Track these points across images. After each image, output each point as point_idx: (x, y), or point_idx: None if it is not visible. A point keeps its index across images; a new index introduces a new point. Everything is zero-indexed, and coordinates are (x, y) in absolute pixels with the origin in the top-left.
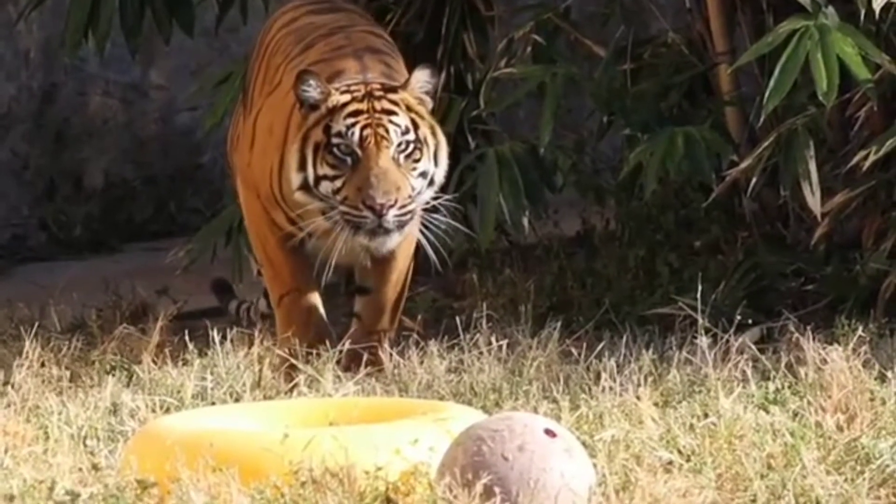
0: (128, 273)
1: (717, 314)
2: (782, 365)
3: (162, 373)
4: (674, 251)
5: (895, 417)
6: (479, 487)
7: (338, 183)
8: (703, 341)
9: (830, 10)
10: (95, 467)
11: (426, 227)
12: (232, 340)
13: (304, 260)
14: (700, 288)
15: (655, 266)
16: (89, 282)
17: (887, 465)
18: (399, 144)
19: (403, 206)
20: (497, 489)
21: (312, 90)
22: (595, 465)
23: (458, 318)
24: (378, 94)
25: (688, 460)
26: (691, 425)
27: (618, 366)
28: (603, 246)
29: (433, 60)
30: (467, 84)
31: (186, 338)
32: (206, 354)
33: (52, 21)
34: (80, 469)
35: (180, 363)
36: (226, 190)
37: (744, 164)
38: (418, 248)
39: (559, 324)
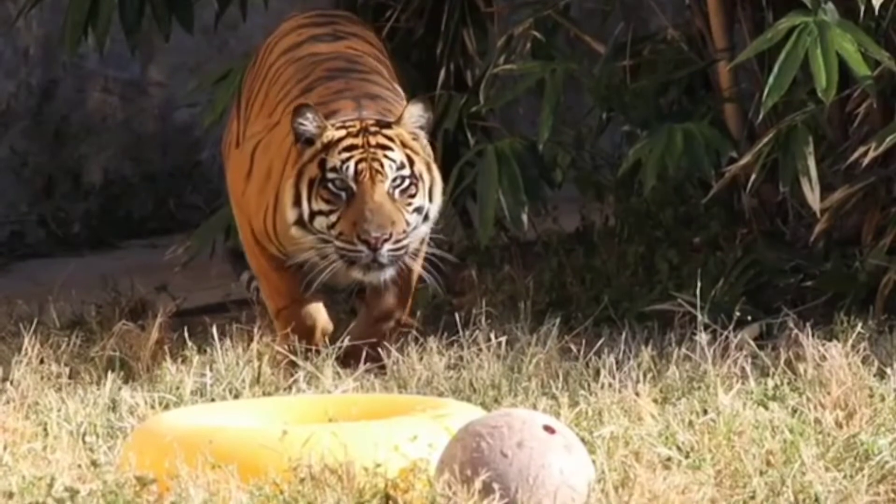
0: (127, 270)
1: (717, 310)
2: (781, 361)
3: (161, 369)
4: (673, 247)
5: (894, 414)
6: (477, 484)
7: (332, 218)
8: (703, 338)
9: (830, 6)
10: (94, 464)
11: (429, 261)
12: (231, 337)
13: (300, 275)
14: (699, 284)
15: (654, 262)
16: (88, 279)
17: (886, 462)
18: (394, 179)
19: (398, 241)
20: (496, 486)
21: (308, 124)
22: (594, 462)
23: (457, 315)
24: (373, 129)
25: (687, 457)
26: (690, 422)
27: (617, 362)
28: (602, 242)
29: (432, 57)
30: (467, 80)
31: (185, 334)
32: (205, 351)
33: (52, 18)
34: (79, 465)
35: (179, 360)
36: (225, 187)
37: (743, 161)
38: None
39: (558, 320)
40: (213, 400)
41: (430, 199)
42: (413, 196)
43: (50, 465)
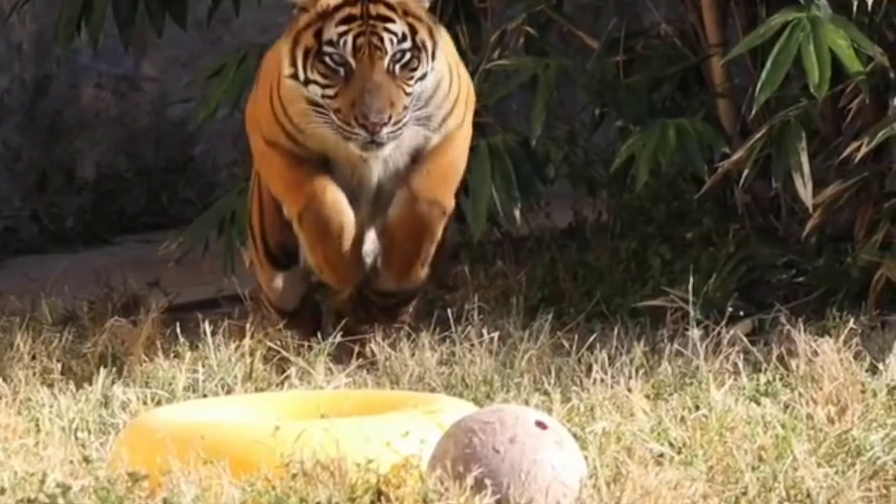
0: (119, 265)
1: (709, 306)
2: (773, 357)
3: (153, 365)
4: (665, 243)
5: (886, 409)
6: (469, 480)
7: (329, 92)
8: (695, 333)
9: (823, 1)
10: (86, 460)
11: None
12: (223, 333)
13: (317, 168)
14: (692, 280)
15: (647, 258)
16: (81, 274)
17: (878, 458)
18: (395, 54)
19: (398, 122)
20: (488, 481)
21: None
22: (586, 458)
23: (449, 310)
24: None
25: (679, 452)
26: (682, 417)
27: (609, 358)
28: (595, 238)
29: None
30: None
31: (178, 330)
32: (197, 347)
33: (45, 13)
34: (71, 461)
35: (171, 355)
36: (218, 182)
37: (736, 156)
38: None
39: (550, 316)
40: (205, 396)
41: (433, 60)
42: (415, 69)
43: (42, 461)
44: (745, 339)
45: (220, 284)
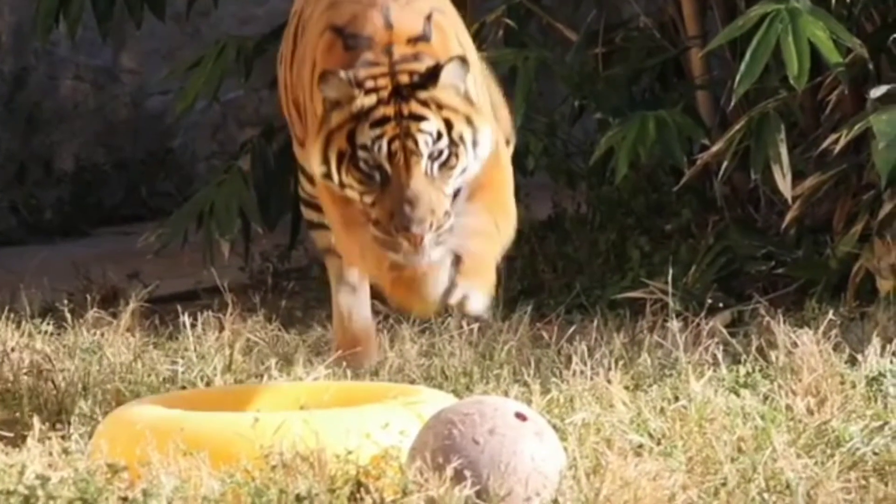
0: (99, 257)
1: (688, 298)
2: (753, 348)
3: (133, 357)
4: (645, 235)
5: (865, 401)
6: (449, 471)
7: (367, 199)
8: (674, 325)
9: None
10: (65, 451)
11: None
12: (203, 325)
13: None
14: (671, 271)
15: (626, 250)
16: (60, 266)
17: (857, 449)
18: (431, 154)
19: (440, 227)
20: (468, 472)
21: (337, 90)
22: (566, 449)
23: None
24: (406, 92)
25: (658, 443)
26: (662, 409)
27: (588, 349)
28: (574, 230)
29: None
30: None
31: (157, 322)
32: (176, 338)
33: (23, 5)
34: (50, 453)
35: (151, 347)
36: (197, 174)
37: (715, 148)
38: None
39: (530, 307)
40: (184, 387)
41: (476, 147)
42: (454, 167)
43: (21, 453)
44: (724, 331)
45: (200, 276)
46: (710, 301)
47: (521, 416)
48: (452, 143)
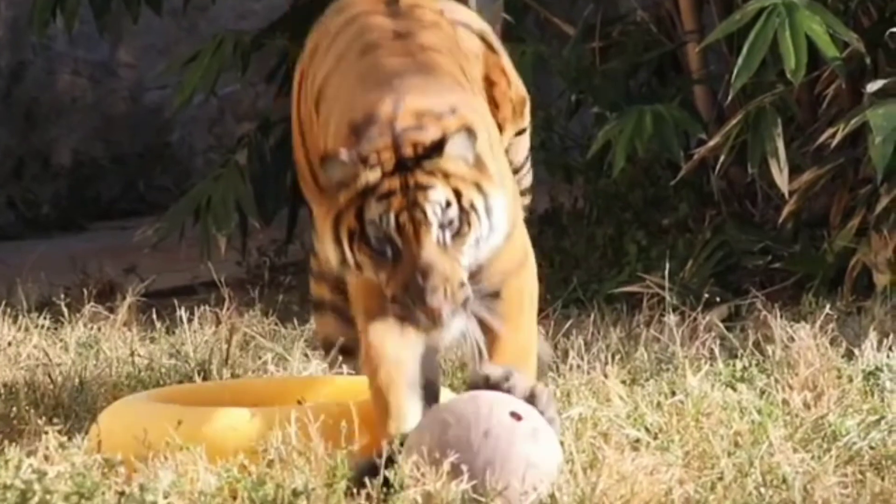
0: (96, 252)
1: (685, 292)
2: (750, 343)
3: (130, 351)
4: (642, 229)
5: (862, 395)
6: (446, 466)
7: (381, 276)
8: (671, 319)
9: None
10: (62, 446)
11: None
12: (199, 319)
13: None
14: (668, 266)
15: (623, 244)
16: (57, 260)
17: (854, 443)
18: (441, 223)
19: (456, 295)
20: (464, 467)
21: (340, 171)
22: (562, 443)
23: None
24: (411, 163)
25: (655, 438)
26: (659, 403)
27: (585, 344)
28: (571, 224)
29: None
30: None
31: (154, 316)
32: (173, 333)
33: (21, 0)
34: (47, 448)
35: (148, 342)
36: (194, 168)
37: (712, 143)
38: None
39: None
40: (181, 381)
41: (490, 217)
42: (466, 234)
43: (18, 447)
44: (721, 325)
45: (197, 271)
46: (706, 295)
47: (516, 416)
48: (463, 210)
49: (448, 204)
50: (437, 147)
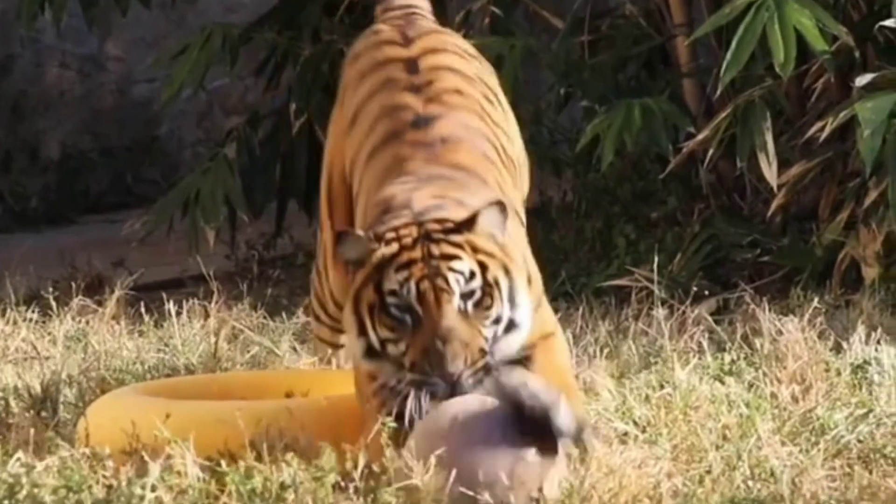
0: (84, 245)
1: (674, 285)
2: (738, 336)
3: (118, 344)
4: (630, 223)
5: (850, 388)
6: (433, 460)
7: (401, 346)
8: (660, 313)
9: None
10: (50, 439)
11: None
12: (188, 312)
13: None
14: (656, 259)
15: (612, 238)
16: (45, 254)
17: (842, 436)
18: (463, 293)
19: (476, 363)
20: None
21: (354, 249)
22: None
23: None
24: (436, 236)
25: (643, 431)
26: (647, 396)
27: (574, 337)
28: (560, 217)
29: None
30: None
31: (142, 310)
32: (162, 326)
33: None
34: (36, 441)
35: (136, 335)
36: (182, 161)
37: (701, 136)
38: None
39: None
40: (169, 375)
41: (512, 304)
42: (489, 308)
43: (6, 441)
44: (709, 319)
45: (185, 264)
46: (695, 289)
47: (507, 420)
48: (487, 284)
49: (472, 275)
50: (469, 222)
